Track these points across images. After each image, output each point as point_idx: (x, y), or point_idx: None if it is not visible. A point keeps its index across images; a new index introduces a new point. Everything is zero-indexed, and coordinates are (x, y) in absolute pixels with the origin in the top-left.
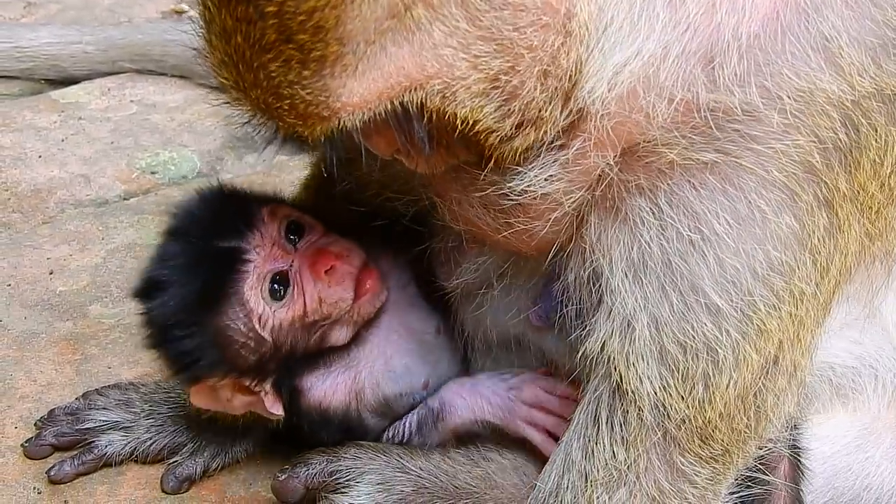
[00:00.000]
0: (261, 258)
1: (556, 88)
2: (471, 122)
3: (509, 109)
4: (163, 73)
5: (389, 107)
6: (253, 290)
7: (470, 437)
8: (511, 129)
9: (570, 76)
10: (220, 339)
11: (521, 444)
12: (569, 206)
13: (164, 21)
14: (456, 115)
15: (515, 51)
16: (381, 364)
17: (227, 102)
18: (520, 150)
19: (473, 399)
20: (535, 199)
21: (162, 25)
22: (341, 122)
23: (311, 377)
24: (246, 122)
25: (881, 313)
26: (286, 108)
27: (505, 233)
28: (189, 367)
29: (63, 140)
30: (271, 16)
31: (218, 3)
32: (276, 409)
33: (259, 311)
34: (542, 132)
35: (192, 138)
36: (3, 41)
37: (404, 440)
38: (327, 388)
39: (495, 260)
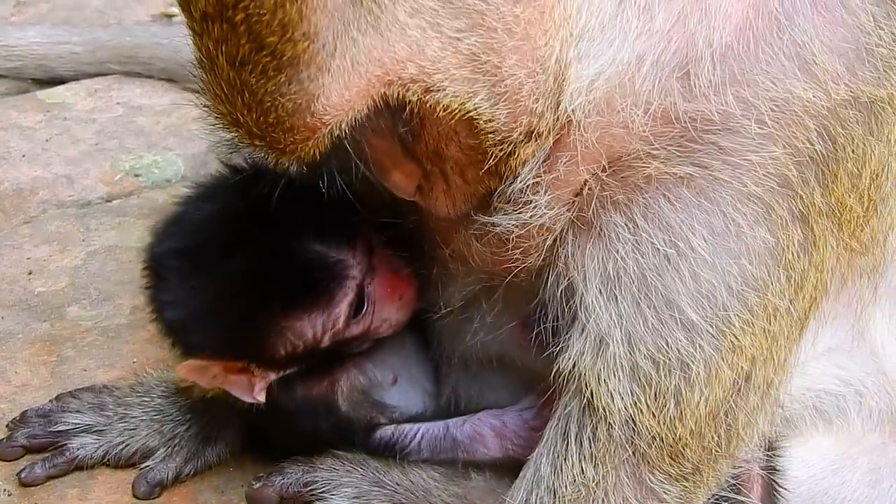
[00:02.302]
0: (359, 274)
1: (543, 80)
2: (460, 113)
3: (498, 93)
4: (150, 76)
5: (372, 106)
6: (345, 305)
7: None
8: (506, 120)
9: (558, 73)
10: (275, 333)
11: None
12: (558, 230)
13: (154, 24)
14: (439, 104)
15: (487, 24)
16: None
17: (235, 144)
18: (523, 154)
19: (502, 439)
20: (531, 232)
21: (151, 28)
22: (329, 129)
23: (308, 376)
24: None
25: (869, 335)
26: (274, 123)
27: (502, 267)
28: (221, 345)
29: (47, 140)
30: (241, 24)
31: (200, 31)
32: (260, 396)
33: (339, 324)
34: (540, 133)
35: (178, 142)
36: None
37: (406, 447)
38: (313, 383)
39: (484, 285)
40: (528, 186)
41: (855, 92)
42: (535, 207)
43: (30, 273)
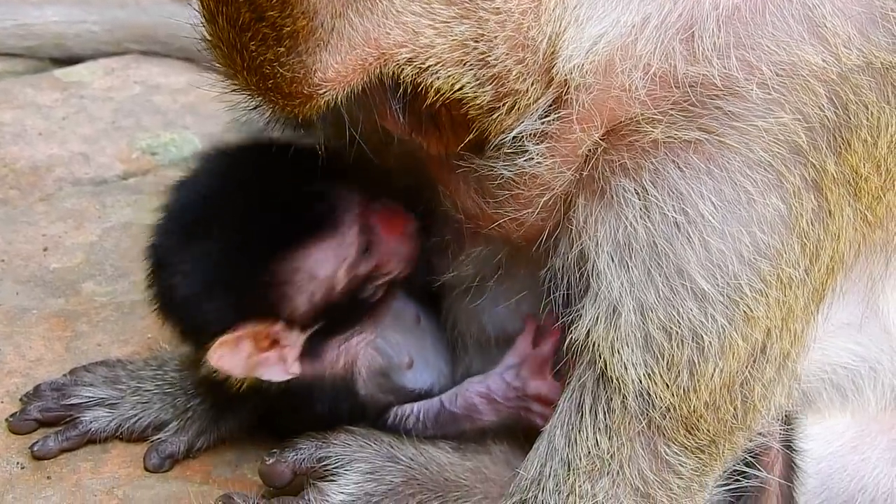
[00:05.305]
0: (359, 206)
1: (532, 61)
2: (449, 95)
3: (484, 77)
4: (167, 55)
5: (367, 81)
6: (352, 234)
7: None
8: (491, 99)
9: (547, 50)
10: (291, 276)
11: (514, 437)
12: (557, 188)
13: (171, 3)
14: (431, 86)
15: (480, 14)
16: (374, 336)
17: (229, 88)
18: (506, 123)
19: (492, 403)
20: (525, 181)
21: (168, 8)
22: (324, 99)
23: (330, 339)
24: (251, 108)
25: (882, 312)
26: (272, 87)
27: (499, 220)
28: (244, 306)
29: (64, 118)
30: None
31: None
32: (295, 367)
33: (350, 256)
34: (524, 105)
35: (195, 120)
36: (9, 19)
37: (410, 428)
38: (336, 351)
39: (491, 251)
40: (523, 136)
41: (868, 57)
42: (528, 154)
43: (45, 249)
